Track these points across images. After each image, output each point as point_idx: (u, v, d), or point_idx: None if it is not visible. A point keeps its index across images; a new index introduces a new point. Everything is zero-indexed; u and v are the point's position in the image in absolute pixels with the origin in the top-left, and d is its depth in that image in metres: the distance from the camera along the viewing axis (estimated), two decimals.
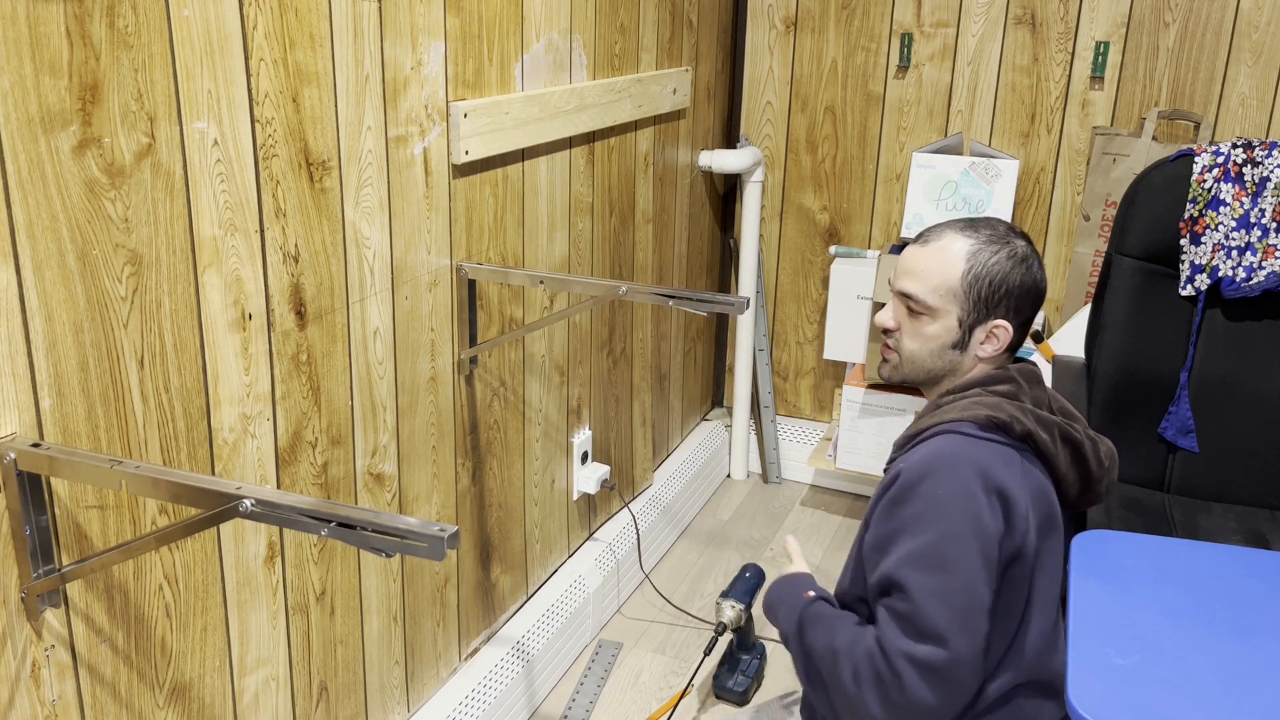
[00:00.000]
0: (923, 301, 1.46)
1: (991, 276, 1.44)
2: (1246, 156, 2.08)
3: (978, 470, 1.36)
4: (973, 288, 1.44)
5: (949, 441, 1.40)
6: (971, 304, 1.45)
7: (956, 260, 1.44)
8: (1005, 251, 1.45)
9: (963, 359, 1.48)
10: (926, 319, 1.47)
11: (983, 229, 1.46)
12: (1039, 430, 1.42)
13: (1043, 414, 1.45)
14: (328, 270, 1.54)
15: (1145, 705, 1.25)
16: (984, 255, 1.44)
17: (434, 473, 1.87)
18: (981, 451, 1.38)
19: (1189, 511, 2.10)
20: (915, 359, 1.49)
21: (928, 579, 1.32)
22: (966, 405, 1.43)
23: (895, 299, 1.51)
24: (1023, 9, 2.69)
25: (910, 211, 2.78)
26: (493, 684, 2.05)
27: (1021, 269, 1.45)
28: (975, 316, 1.45)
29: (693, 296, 1.61)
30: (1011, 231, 1.48)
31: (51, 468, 1.11)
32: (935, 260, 1.46)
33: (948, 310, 1.45)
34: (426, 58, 1.68)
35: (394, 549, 0.99)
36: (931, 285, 1.45)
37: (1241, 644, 1.36)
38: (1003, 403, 1.43)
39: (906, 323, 1.49)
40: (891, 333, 1.51)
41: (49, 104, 1.10)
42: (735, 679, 2.26)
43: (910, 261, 1.48)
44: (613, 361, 2.52)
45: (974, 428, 1.41)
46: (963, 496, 1.35)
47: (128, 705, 1.31)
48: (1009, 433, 1.42)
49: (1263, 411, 2.12)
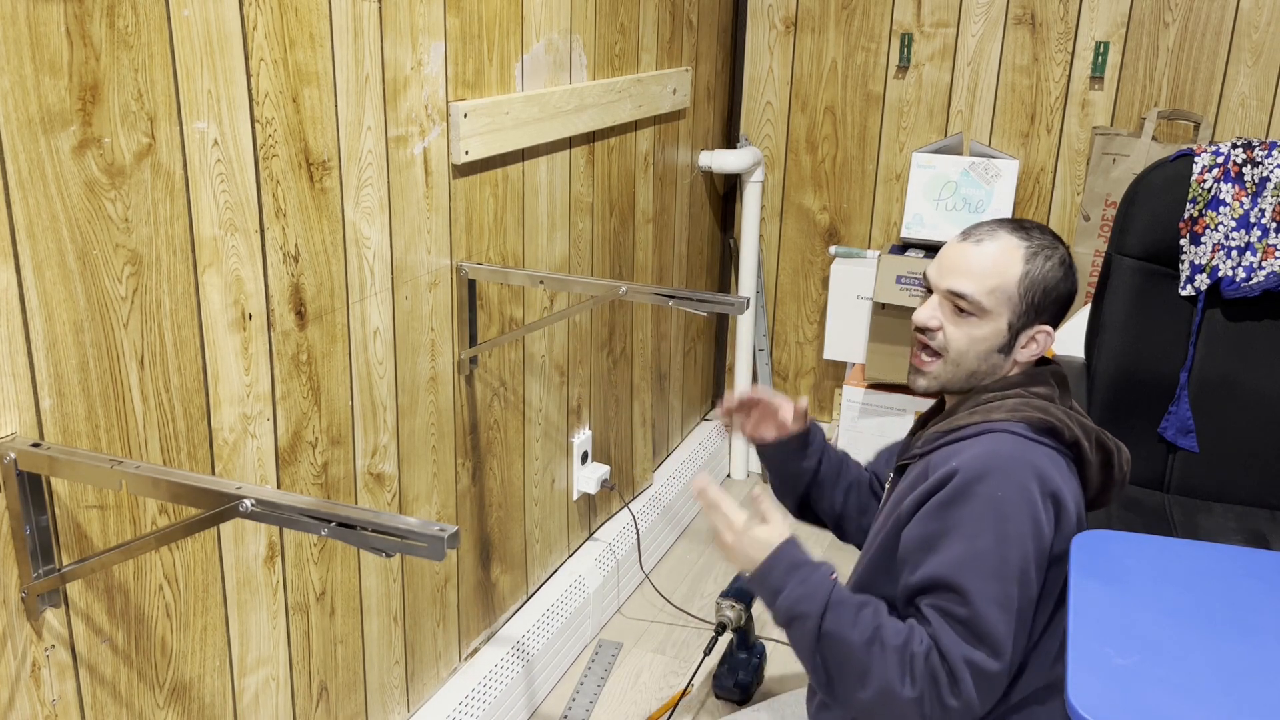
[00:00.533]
0: (976, 301, 1.41)
1: (1046, 283, 1.42)
2: (1246, 156, 2.08)
3: (1036, 472, 1.34)
4: (1029, 292, 1.41)
5: (1004, 441, 1.37)
6: (1024, 308, 1.42)
7: (1015, 263, 1.41)
8: (1057, 258, 1.43)
9: (1004, 362, 1.45)
10: (975, 320, 1.42)
11: (1035, 233, 1.44)
12: (1083, 438, 1.41)
13: (1083, 419, 1.43)
14: (328, 270, 1.54)
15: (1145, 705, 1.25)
16: (1040, 260, 1.42)
17: (434, 473, 1.87)
18: (1037, 454, 1.36)
19: (1189, 511, 2.10)
20: (962, 360, 1.44)
21: (989, 585, 1.31)
22: (1015, 406, 1.41)
23: (941, 297, 1.45)
24: (1023, 9, 2.69)
25: (910, 211, 2.78)
26: (493, 684, 2.05)
27: (1070, 277, 1.44)
28: (1024, 321, 1.42)
29: (693, 296, 1.61)
30: (1057, 238, 1.46)
31: (51, 468, 1.11)
32: (991, 260, 1.41)
33: (1000, 313, 1.42)
34: (426, 58, 1.68)
35: (394, 549, 0.99)
36: (988, 286, 1.41)
37: (1241, 644, 1.36)
38: (1050, 406, 1.41)
39: (950, 323, 1.44)
40: (932, 332, 1.45)
41: (49, 104, 1.10)
42: (735, 679, 2.26)
43: (962, 259, 1.43)
44: (613, 361, 2.52)
45: (1027, 429, 1.38)
46: (1022, 499, 1.33)
47: (128, 705, 1.31)
48: (1059, 438, 1.40)
49: (1263, 411, 2.12)
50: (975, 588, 1.31)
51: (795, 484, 1.73)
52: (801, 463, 1.70)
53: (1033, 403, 1.41)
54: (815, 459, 1.71)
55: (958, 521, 1.34)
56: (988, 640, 1.31)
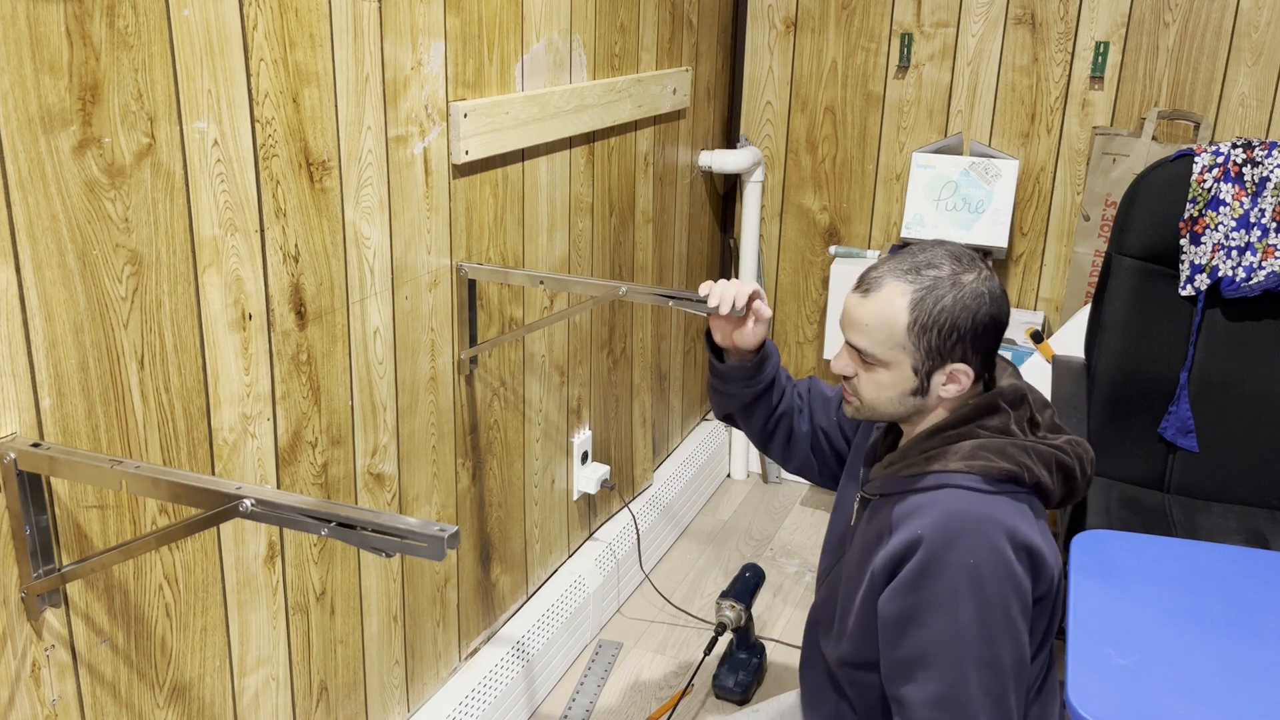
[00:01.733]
0: (872, 355, 1.38)
1: (939, 325, 1.34)
2: (1246, 156, 2.07)
3: (1004, 530, 1.31)
4: (922, 338, 1.35)
5: (962, 499, 1.32)
6: (924, 353, 1.36)
7: (900, 313, 1.35)
8: (951, 295, 1.35)
9: (926, 402, 1.41)
10: (879, 369, 1.39)
11: (926, 271, 1.36)
12: (1042, 473, 1.36)
13: (1040, 447, 1.38)
14: (328, 270, 1.54)
15: (1145, 705, 1.25)
16: (929, 303, 1.34)
17: (434, 473, 1.87)
18: (1000, 509, 1.32)
19: (1189, 511, 2.10)
20: (875, 405, 1.42)
21: (981, 675, 1.29)
22: (970, 453, 1.35)
23: (847, 348, 1.43)
24: (1023, 9, 2.69)
25: (910, 211, 2.78)
26: (493, 684, 2.05)
27: (973, 307, 1.35)
28: (931, 364, 1.37)
29: (693, 297, 1.61)
30: (959, 263, 1.37)
31: (51, 468, 1.11)
32: (878, 313, 1.37)
33: (900, 362, 1.38)
34: (426, 58, 1.68)
35: (394, 549, 0.99)
36: (878, 340, 1.37)
37: (1241, 644, 1.36)
38: (1007, 446, 1.35)
39: (861, 372, 1.41)
40: (848, 379, 1.44)
41: (49, 104, 1.10)
42: (735, 679, 2.26)
43: (854, 313, 1.40)
44: (613, 361, 2.52)
45: (983, 481, 1.34)
46: (996, 560, 1.29)
47: (128, 705, 1.31)
48: (1019, 483, 1.35)
49: (1263, 411, 2.12)
50: (969, 679, 1.29)
51: (731, 401, 1.67)
52: (744, 388, 1.64)
53: (988, 444, 1.36)
54: (761, 387, 1.64)
55: (934, 596, 1.31)
56: (966, 711, 1.29)
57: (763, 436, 1.70)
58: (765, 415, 1.67)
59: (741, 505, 3.10)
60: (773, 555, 2.83)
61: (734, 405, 1.68)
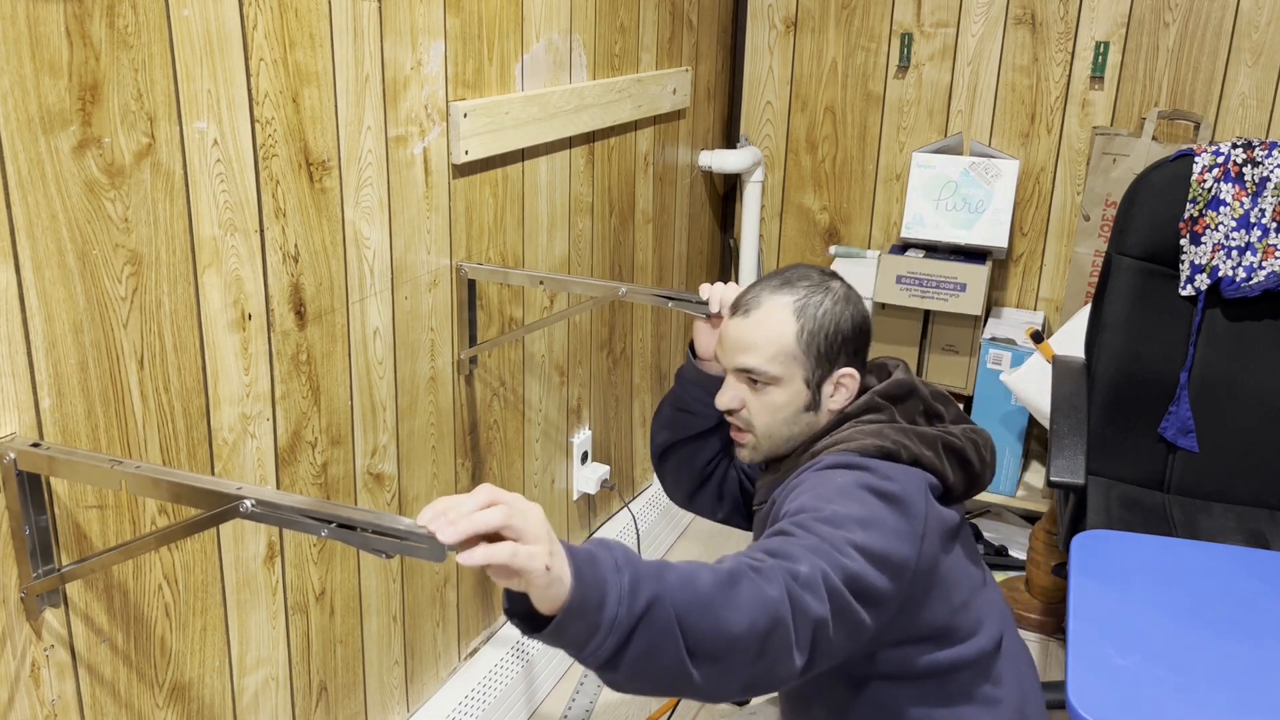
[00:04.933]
0: (765, 373, 1.38)
1: (825, 329, 1.38)
2: (1246, 156, 2.07)
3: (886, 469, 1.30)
4: (810, 345, 1.37)
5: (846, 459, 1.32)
6: (814, 361, 1.38)
7: (786, 322, 1.38)
8: (829, 299, 1.39)
9: (817, 418, 1.41)
10: (772, 389, 1.39)
11: (799, 282, 1.40)
12: (924, 450, 1.36)
13: (922, 430, 1.38)
14: (327, 270, 1.54)
15: (1145, 705, 1.25)
16: (810, 309, 1.38)
17: (434, 473, 1.87)
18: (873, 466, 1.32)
19: (1189, 511, 2.10)
20: (771, 431, 1.41)
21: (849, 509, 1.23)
22: (848, 437, 1.36)
23: (733, 377, 1.42)
24: (1023, 9, 2.69)
25: (910, 211, 2.78)
26: (493, 684, 2.05)
27: (849, 309, 1.40)
28: (821, 373, 1.39)
29: (692, 298, 1.61)
30: (824, 274, 1.42)
31: (51, 468, 1.11)
32: (764, 328, 1.38)
33: (792, 375, 1.38)
34: (426, 58, 1.67)
35: (394, 550, 0.99)
36: (769, 355, 1.38)
37: (1241, 644, 1.36)
38: (884, 429, 1.36)
39: (751, 399, 1.41)
40: (736, 413, 1.43)
41: (49, 104, 1.10)
42: None
43: (739, 335, 1.40)
44: (613, 361, 2.52)
45: (859, 456, 1.33)
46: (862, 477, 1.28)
47: (127, 705, 1.31)
48: (897, 460, 1.34)
49: (1263, 411, 2.12)
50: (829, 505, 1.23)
51: (690, 423, 1.62)
52: (710, 407, 1.59)
53: (865, 429, 1.36)
54: None
55: (811, 485, 1.29)
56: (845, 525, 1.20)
57: (699, 478, 1.65)
58: (714, 450, 1.64)
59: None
60: None
61: (691, 428, 1.62)
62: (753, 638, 1.06)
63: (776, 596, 1.09)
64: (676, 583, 1.04)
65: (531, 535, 0.93)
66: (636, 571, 1.02)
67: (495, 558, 0.91)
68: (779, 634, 1.08)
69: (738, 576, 1.09)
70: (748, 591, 1.07)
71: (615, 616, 0.98)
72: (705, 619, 1.04)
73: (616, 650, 0.99)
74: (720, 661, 1.05)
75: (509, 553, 0.91)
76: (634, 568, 1.02)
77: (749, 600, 1.07)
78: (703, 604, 1.04)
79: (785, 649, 1.09)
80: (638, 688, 1.04)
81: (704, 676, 1.04)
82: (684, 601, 1.03)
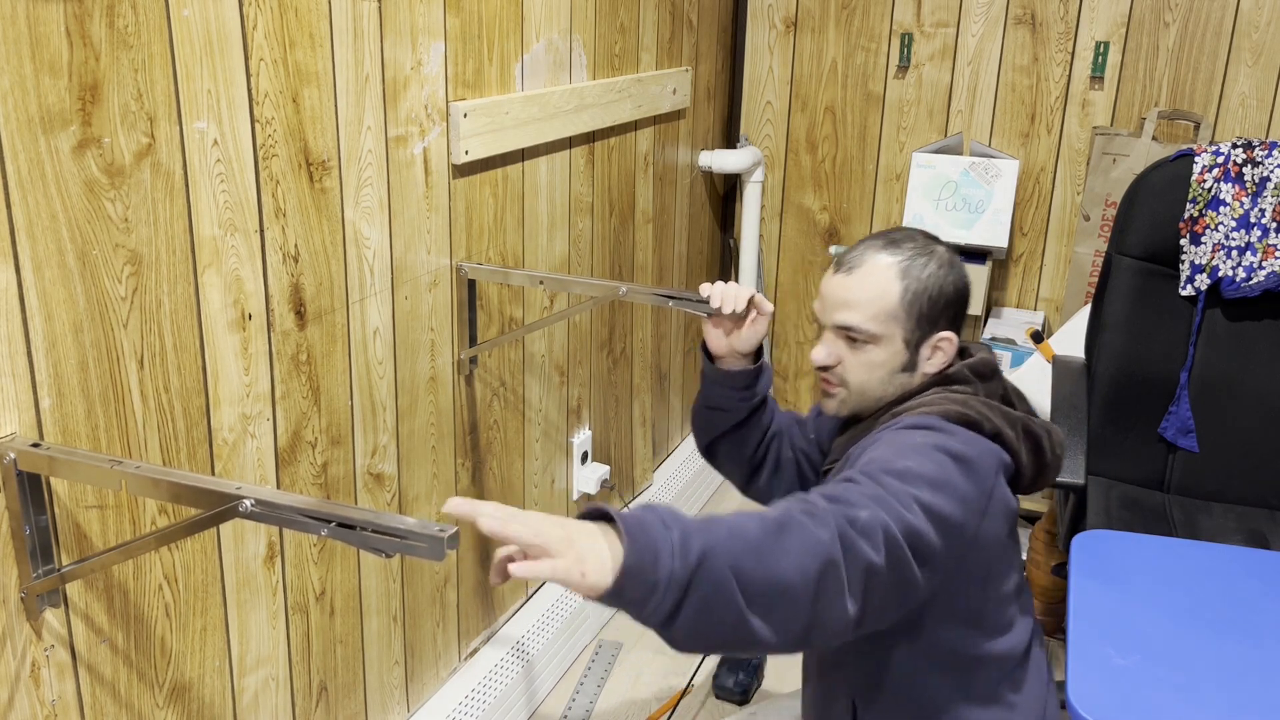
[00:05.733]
0: (865, 331, 1.39)
1: (929, 290, 1.38)
2: (1246, 156, 2.07)
3: (968, 436, 1.31)
4: (914, 305, 1.38)
5: (930, 422, 1.33)
6: (915, 322, 1.39)
7: (891, 281, 1.38)
8: (934, 262, 1.39)
9: (912, 379, 1.42)
10: (871, 347, 1.40)
11: (904, 243, 1.40)
12: (1006, 428, 1.37)
13: (1006, 409, 1.40)
14: (327, 270, 1.54)
15: (1145, 705, 1.25)
16: (916, 269, 1.38)
17: (434, 473, 1.87)
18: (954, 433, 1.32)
19: (1189, 511, 2.10)
20: (865, 389, 1.42)
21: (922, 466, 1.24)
22: (932, 402, 1.37)
23: (830, 333, 1.43)
24: (1023, 9, 2.69)
25: (910, 211, 2.78)
26: (493, 684, 2.05)
27: (953, 274, 1.40)
28: (920, 334, 1.40)
29: (693, 297, 1.61)
30: (930, 239, 1.42)
31: (51, 468, 1.11)
32: (868, 285, 1.39)
33: (892, 334, 1.39)
34: (426, 58, 1.68)
35: (394, 549, 0.99)
36: (870, 313, 1.38)
37: (1241, 644, 1.36)
38: (970, 399, 1.37)
39: (848, 355, 1.42)
40: (831, 369, 1.44)
41: (49, 104, 1.10)
42: (735, 679, 2.26)
43: (840, 292, 1.41)
44: (613, 361, 2.52)
45: (943, 420, 1.34)
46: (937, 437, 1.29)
47: (127, 705, 1.31)
48: (979, 430, 1.35)
49: (1263, 411, 2.12)
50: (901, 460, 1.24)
51: (724, 419, 1.63)
52: (740, 400, 1.60)
53: (951, 398, 1.37)
54: (757, 400, 1.61)
55: (888, 440, 1.30)
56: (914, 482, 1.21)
57: (750, 465, 1.66)
58: (758, 437, 1.64)
59: (742, 505, 3.10)
60: None
61: (727, 423, 1.63)
62: (805, 581, 1.08)
63: (827, 539, 1.10)
64: (726, 534, 1.06)
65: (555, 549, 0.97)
66: (685, 528, 1.04)
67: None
68: (831, 575, 1.10)
69: (786, 522, 1.10)
70: (797, 535, 1.09)
71: (670, 571, 1.00)
72: (758, 566, 1.05)
73: (676, 606, 1.01)
74: (777, 608, 1.07)
75: (549, 569, 0.97)
76: (682, 524, 1.04)
77: (798, 544, 1.09)
78: (754, 551, 1.06)
79: (838, 591, 1.10)
80: (702, 644, 1.06)
81: (763, 624, 1.06)
82: (736, 550, 1.05)
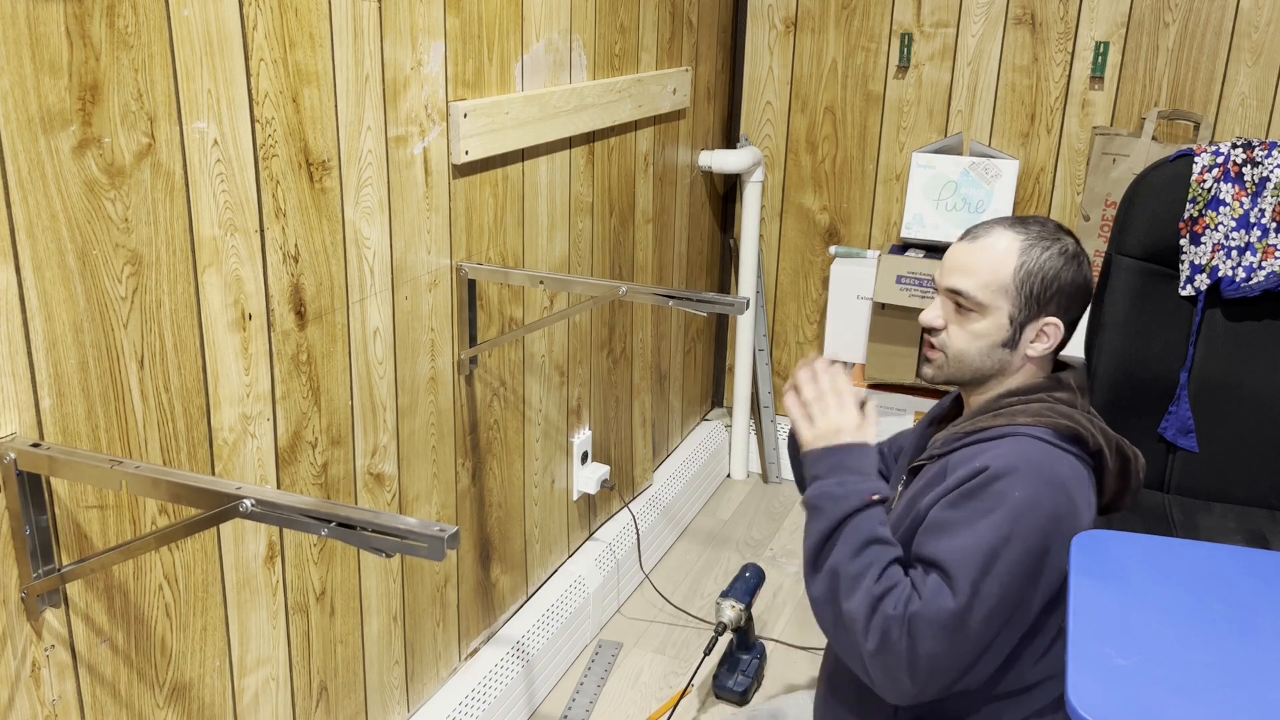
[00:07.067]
0: (973, 298, 1.44)
1: (1044, 273, 1.42)
2: (1246, 156, 2.07)
3: (1059, 484, 1.35)
4: (1025, 284, 1.42)
5: (1030, 446, 1.37)
6: (1023, 300, 1.43)
7: (1008, 256, 1.43)
8: (1056, 248, 1.44)
9: (1012, 358, 1.46)
10: (976, 316, 1.44)
11: (1033, 226, 1.46)
12: (1105, 445, 1.41)
13: (1104, 426, 1.44)
14: (328, 270, 1.54)
15: (1145, 705, 1.25)
16: (1036, 251, 1.43)
17: (434, 473, 1.87)
18: (1062, 463, 1.37)
19: (1189, 511, 2.10)
20: (964, 358, 1.47)
21: (982, 583, 1.32)
22: (1040, 411, 1.41)
23: (942, 296, 1.48)
24: (1023, 9, 2.69)
25: (910, 211, 2.78)
26: (493, 684, 2.05)
27: (1073, 266, 1.44)
28: (1027, 314, 1.44)
29: (693, 297, 1.61)
30: (1060, 229, 1.46)
31: (51, 468, 1.11)
32: (986, 256, 1.44)
33: (999, 307, 1.43)
34: (426, 58, 1.67)
35: (394, 549, 0.99)
36: (982, 281, 1.43)
37: (1241, 644, 1.36)
38: (1075, 413, 1.41)
39: (954, 321, 1.47)
40: (936, 331, 1.48)
41: (49, 104, 1.10)
42: (735, 679, 2.26)
43: (959, 258, 1.46)
44: (613, 361, 2.52)
45: (1053, 435, 1.38)
46: (1041, 500, 1.34)
47: (128, 705, 1.31)
48: (1084, 446, 1.40)
49: (1263, 411, 2.12)
50: (968, 581, 1.32)
51: None
52: None
53: (1057, 408, 1.41)
54: None
55: (973, 513, 1.35)
56: (960, 632, 1.32)
57: None
58: None
59: (742, 505, 3.10)
60: (773, 555, 2.83)
61: None
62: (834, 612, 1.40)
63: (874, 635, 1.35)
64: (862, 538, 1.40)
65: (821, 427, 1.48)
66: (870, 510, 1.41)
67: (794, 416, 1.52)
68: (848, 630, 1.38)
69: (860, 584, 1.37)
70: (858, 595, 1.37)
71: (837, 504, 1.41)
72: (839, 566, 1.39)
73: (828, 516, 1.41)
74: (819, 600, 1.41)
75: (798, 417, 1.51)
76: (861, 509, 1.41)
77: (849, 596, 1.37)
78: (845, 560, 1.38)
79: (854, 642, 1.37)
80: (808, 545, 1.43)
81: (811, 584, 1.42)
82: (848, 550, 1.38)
